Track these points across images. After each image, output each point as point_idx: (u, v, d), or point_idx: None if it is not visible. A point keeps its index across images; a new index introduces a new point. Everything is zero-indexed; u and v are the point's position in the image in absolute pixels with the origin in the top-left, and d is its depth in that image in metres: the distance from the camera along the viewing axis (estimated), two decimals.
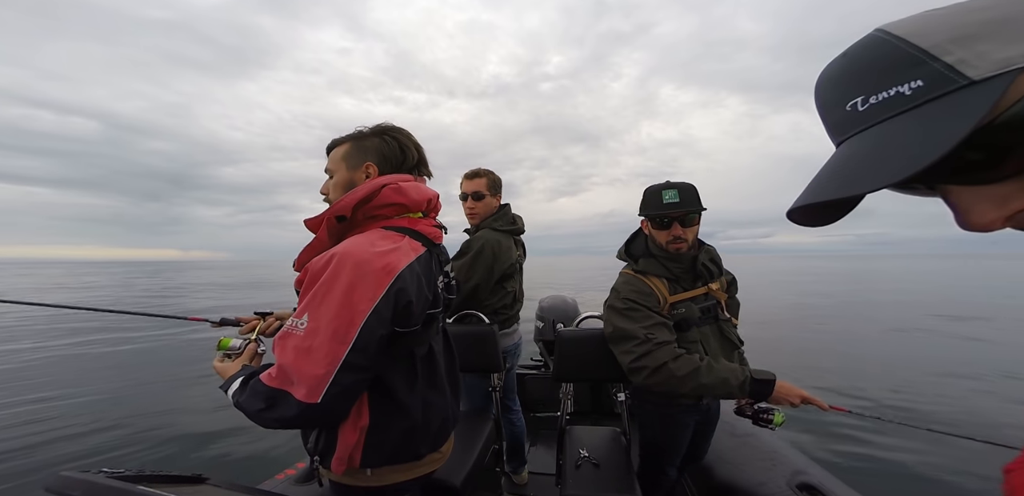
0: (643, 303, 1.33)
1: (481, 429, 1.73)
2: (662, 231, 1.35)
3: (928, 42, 0.28)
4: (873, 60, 0.30)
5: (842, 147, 0.33)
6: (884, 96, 0.29)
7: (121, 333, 7.93)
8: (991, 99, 0.26)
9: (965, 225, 0.31)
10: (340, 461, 0.86)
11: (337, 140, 1.02)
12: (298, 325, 0.78)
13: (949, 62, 0.27)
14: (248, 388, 0.82)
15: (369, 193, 0.89)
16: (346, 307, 0.77)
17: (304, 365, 0.75)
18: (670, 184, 1.34)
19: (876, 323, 7.98)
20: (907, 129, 0.28)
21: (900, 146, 0.28)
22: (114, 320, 8.95)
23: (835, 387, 4.25)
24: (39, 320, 9.30)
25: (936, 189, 0.32)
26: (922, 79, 0.28)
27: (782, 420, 1.26)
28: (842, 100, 0.32)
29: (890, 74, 0.29)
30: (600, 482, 1.39)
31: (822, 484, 1.29)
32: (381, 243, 0.85)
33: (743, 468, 1.45)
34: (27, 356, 6.06)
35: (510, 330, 2.02)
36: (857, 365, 5.12)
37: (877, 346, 6.53)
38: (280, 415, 0.76)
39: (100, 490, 0.59)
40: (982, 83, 0.26)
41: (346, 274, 0.78)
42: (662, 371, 1.22)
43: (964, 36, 0.27)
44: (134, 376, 5.12)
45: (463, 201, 1.97)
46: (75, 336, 7.60)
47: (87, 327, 8.41)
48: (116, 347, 6.84)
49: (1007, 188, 0.29)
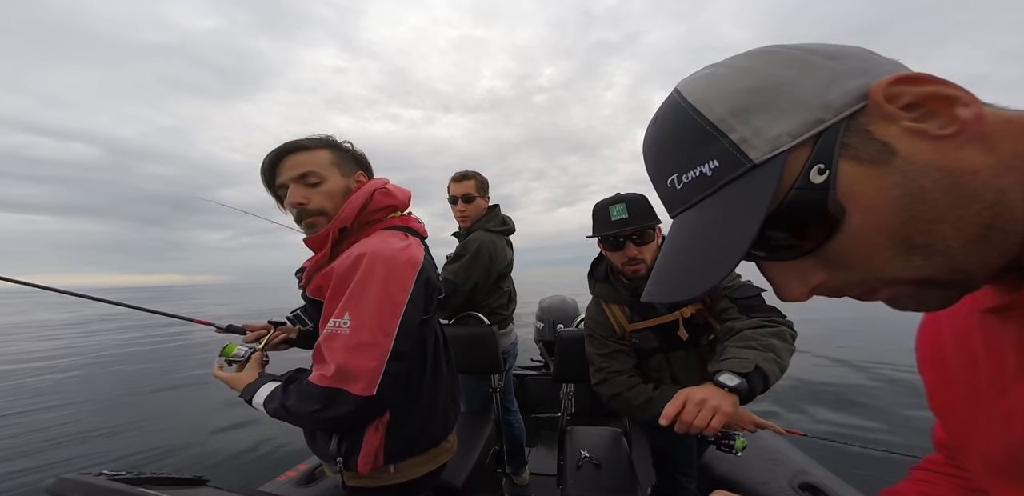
0: (598, 331, 1.31)
1: (481, 431, 1.72)
2: (615, 252, 1.20)
3: (715, 115, 0.29)
4: (677, 131, 0.32)
5: (673, 225, 0.35)
6: (693, 175, 0.31)
7: (125, 332, 7.94)
8: (771, 187, 0.27)
9: (779, 298, 0.33)
10: (367, 459, 0.88)
11: (304, 144, 0.94)
12: (341, 325, 0.81)
13: (734, 140, 0.28)
14: (295, 393, 0.83)
15: (366, 200, 0.93)
16: (386, 301, 0.82)
17: (359, 360, 0.80)
18: (619, 197, 1.18)
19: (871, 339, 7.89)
20: (713, 219, 0.30)
21: (709, 244, 0.30)
22: (115, 317, 8.94)
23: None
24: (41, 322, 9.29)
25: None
26: (718, 159, 0.29)
27: (743, 445, 1.26)
28: (662, 175, 0.34)
29: (693, 151, 0.30)
30: (601, 483, 1.39)
31: (824, 484, 1.29)
32: (395, 241, 0.90)
33: (744, 468, 1.45)
34: (26, 356, 6.05)
35: (506, 330, 2.02)
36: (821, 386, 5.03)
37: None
38: (337, 413, 0.80)
39: (101, 492, 0.59)
40: (761, 166, 0.28)
41: (379, 270, 0.83)
42: (618, 399, 1.21)
43: (738, 108, 0.28)
44: (135, 378, 5.11)
45: (452, 204, 1.95)
46: (79, 336, 7.60)
47: (93, 329, 8.40)
48: (118, 349, 6.83)
49: (805, 264, 0.30)
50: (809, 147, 0.27)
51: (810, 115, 0.27)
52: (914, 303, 0.30)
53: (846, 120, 0.27)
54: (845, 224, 0.27)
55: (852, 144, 0.27)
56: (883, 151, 0.26)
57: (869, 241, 0.27)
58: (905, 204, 0.26)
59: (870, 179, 0.26)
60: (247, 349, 1.03)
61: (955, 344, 0.41)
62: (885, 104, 0.26)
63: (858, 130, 0.27)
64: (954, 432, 0.44)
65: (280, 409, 0.84)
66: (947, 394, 0.43)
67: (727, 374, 0.94)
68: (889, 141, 0.26)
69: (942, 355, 0.43)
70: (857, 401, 3.86)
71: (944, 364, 0.43)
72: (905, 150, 0.26)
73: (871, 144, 0.26)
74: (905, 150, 0.26)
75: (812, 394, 4.10)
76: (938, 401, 0.45)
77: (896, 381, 4.37)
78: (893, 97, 0.26)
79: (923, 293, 0.29)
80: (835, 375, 4.74)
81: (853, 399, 3.91)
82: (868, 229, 0.27)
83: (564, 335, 1.65)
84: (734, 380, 0.93)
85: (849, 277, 0.29)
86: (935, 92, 0.26)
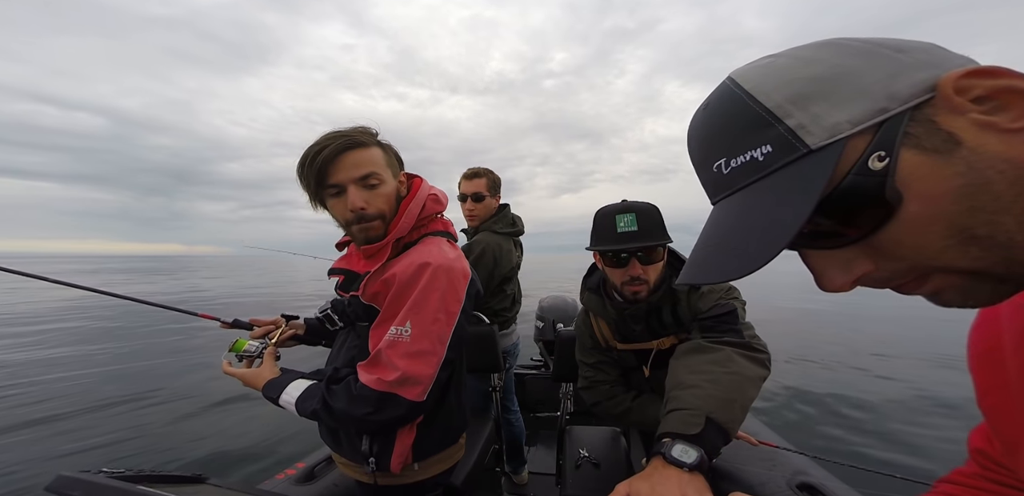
0: (583, 341, 1.30)
1: (481, 429, 1.73)
2: (616, 269, 1.03)
3: (771, 102, 0.29)
4: (729, 117, 0.31)
5: (715, 210, 0.34)
6: (742, 160, 0.30)
7: (122, 321, 7.93)
8: (826, 172, 0.27)
9: (820, 287, 0.32)
10: (399, 459, 0.91)
11: (362, 140, 0.86)
12: (403, 333, 0.83)
13: (791, 126, 0.28)
14: (342, 394, 0.85)
15: (420, 208, 0.94)
16: (442, 311, 0.85)
17: (420, 368, 0.83)
18: (628, 206, 1.02)
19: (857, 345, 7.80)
20: (762, 203, 0.30)
21: (755, 229, 0.29)
22: (114, 314, 8.95)
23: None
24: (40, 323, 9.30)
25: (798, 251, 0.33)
26: (771, 144, 0.29)
27: None
28: (707, 160, 0.33)
29: (745, 136, 0.30)
30: (600, 482, 1.39)
31: (823, 484, 1.29)
32: (450, 251, 0.94)
33: (742, 468, 1.45)
34: (23, 354, 6.07)
35: (508, 331, 2.02)
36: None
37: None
38: (390, 416, 0.83)
39: (100, 490, 0.59)
40: (818, 152, 0.27)
41: (440, 282, 0.85)
42: (598, 407, 1.24)
43: (798, 95, 0.28)
44: (132, 374, 5.12)
45: (462, 202, 1.94)
46: (76, 334, 7.61)
47: (89, 326, 8.42)
48: (115, 343, 6.84)
49: (850, 253, 0.30)
50: (869, 135, 0.27)
51: (873, 104, 0.27)
52: (960, 297, 0.29)
53: (911, 110, 0.27)
54: (901, 212, 0.27)
55: (915, 134, 0.26)
56: (948, 141, 0.26)
57: (924, 230, 0.27)
58: (968, 194, 0.25)
59: (933, 168, 0.26)
60: (259, 344, 1.02)
61: (1014, 344, 0.41)
62: (954, 96, 0.26)
63: (923, 120, 0.26)
64: (1005, 434, 0.43)
65: (322, 410, 0.84)
66: (1001, 394, 0.42)
67: (679, 445, 0.70)
68: (955, 132, 0.26)
69: (998, 355, 0.43)
70: (842, 413, 3.83)
71: (1000, 364, 0.42)
72: (971, 141, 0.26)
73: (936, 134, 0.26)
74: (971, 141, 0.26)
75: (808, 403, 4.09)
76: (989, 402, 0.44)
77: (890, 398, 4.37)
78: (963, 90, 0.26)
79: (973, 286, 0.29)
80: (842, 382, 4.75)
81: (838, 411, 3.89)
82: (925, 217, 0.26)
83: (564, 335, 1.65)
84: (691, 454, 0.68)
85: (897, 266, 0.29)
86: (1008, 86, 0.26)
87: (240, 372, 0.96)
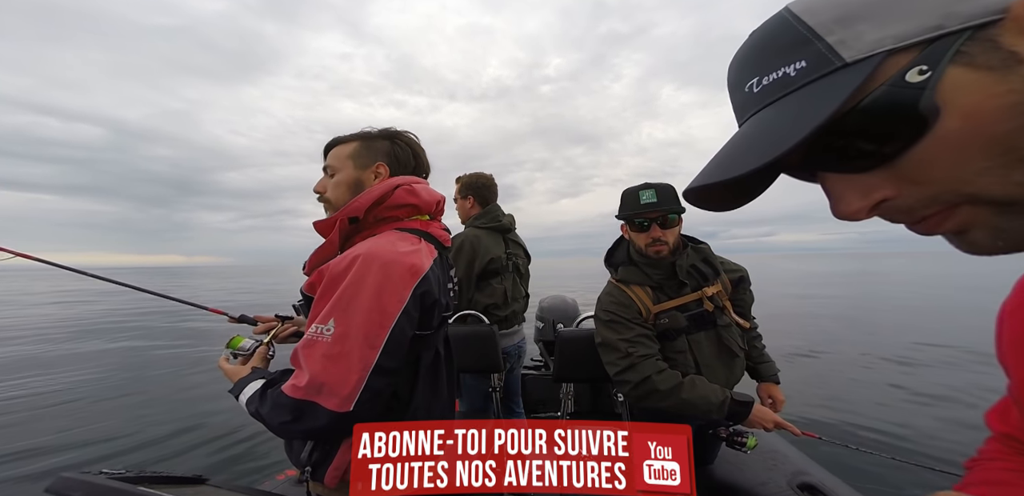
0: (623, 315, 1.31)
1: None
2: (641, 234, 1.30)
3: (815, 20, 0.27)
4: (771, 39, 0.30)
5: (740, 129, 0.32)
6: (774, 77, 0.29)
7: (126, 318, 7.93)
8: (855, 82, 0.25)
9: (834, 213, 0.30)
10: (335, 473, 0.82)
11: (341, 138, 0.97)
12: (323, 331, 0.74)
13: (830, 42, 0.26)
14: (269, 400, 0.77)
15: (383, 194, 0.88)
16: (375, 310, 0.74)
17: (336, 373, 0.72)
18: (648, 185, 1.29)
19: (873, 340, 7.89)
20: (784, 113, 0.28)
21: (769, 131, 0.28)
22: (115, 315, 8.95)
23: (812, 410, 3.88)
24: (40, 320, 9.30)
25: (818, 177, 0.31)
26: (806, 59, 0.27)
27: (755, 444, 1.25)
28: (741, 82, 0.31)
29: (781, 54, 0.29)
30: None
31: (823, 484, 1.29)
32: (402, 244, 0.84)
33: (743, 468, 1.45)
34: (24, 353, 6.06)
35: (510, 331, 2.01)
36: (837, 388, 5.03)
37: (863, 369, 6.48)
38: (309, 427, 0.73)
39: (101, 491, 0.59)
40: (853, 65, 0.26)
41: (373, 275, 0.75)
42: (645, 385, 1.22)
43: (847, 15, 0.27)
44: (133, 375, 5.12)
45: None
46: (75, 334, 7.61)
47: (87, 326, 8.41)
48: (115, 344, 6.83)
49: (873, 178, 0.28)
50: (915, 51, 0.25)
51: (927, 21, 0.25)
52: (990, 236, 0.27)
53: (972, 29, 0.24)
54: (937, 128, 0.24)
55: (970, 51, 0.24)
56: (1008, 59, 0.24)
57: (962, 148, 0.25)
58: (1022, 112, 0.23)
59: (982, 85, 0.24)
60: (254, 342, 1.01)
61: None
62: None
63: (983, 39, 0.24)
64: None
65: (256, 414, 0.78)
66: None
67: None
68: (1019, 51, 0.24)
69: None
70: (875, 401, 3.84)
71: None
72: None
73: (995, 52, 0.24)
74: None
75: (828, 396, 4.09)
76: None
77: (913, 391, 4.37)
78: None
79: (1007, 223, 0.26)
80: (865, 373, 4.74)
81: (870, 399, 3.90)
82: (965, 135, 0.24)
83: (564, 335, 1.65)
84: None
85: (923, 192, 0.27)
86: None
87: (225, 368, 0.94)
